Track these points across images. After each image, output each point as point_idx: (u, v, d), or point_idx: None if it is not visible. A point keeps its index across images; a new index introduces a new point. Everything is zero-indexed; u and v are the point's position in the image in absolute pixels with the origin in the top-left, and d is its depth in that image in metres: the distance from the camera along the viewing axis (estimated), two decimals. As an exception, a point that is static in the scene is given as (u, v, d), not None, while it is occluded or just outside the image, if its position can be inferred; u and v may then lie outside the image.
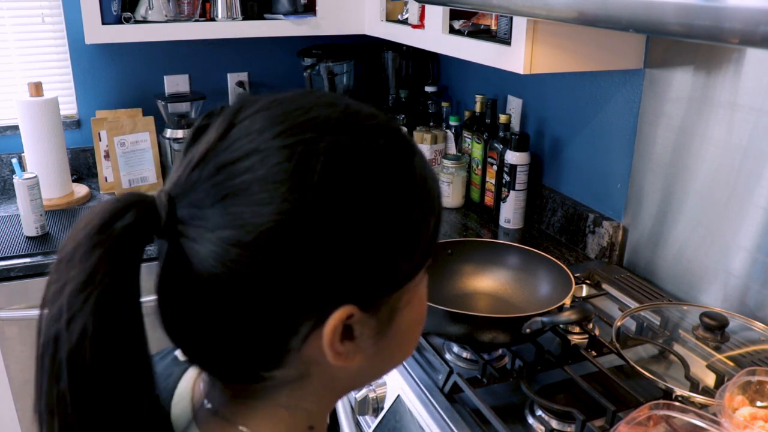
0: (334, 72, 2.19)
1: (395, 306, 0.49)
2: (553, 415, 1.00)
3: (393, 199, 0.46)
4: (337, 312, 0.45)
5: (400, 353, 0.53)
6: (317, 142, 0.44)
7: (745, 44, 0.72)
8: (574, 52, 1.33)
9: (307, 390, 0.50)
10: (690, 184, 1.33)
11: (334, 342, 0.46)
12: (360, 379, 0.54)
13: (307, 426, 0.51)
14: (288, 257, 0.42)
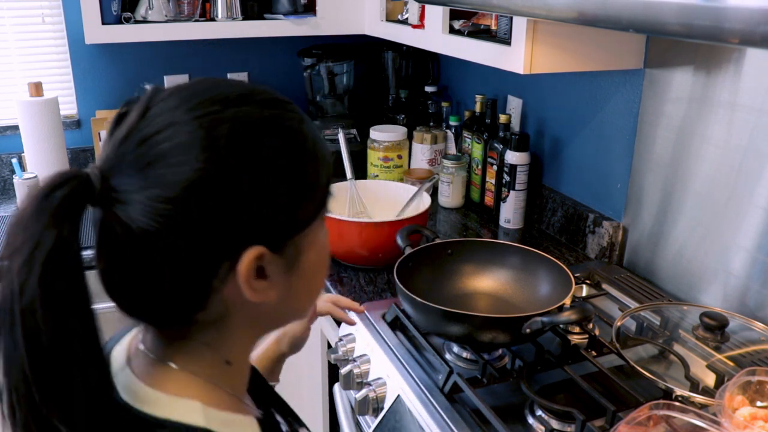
0: (334, 72, 2.19)
1: (299, 247, 0.58)
2: (553, 415, 1.00)
3: (288, 157, 0.55)
4: (249, 252, 0.53)
5: (308, 291, 0.63)
6: (222, 112, 0.53)
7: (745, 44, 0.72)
8: (574, 52, 1.33)
9: (228, 329, 0.58)
10: (690, 184, 1.33)
11: (250, 279, 0.54)
12: (276, 317, 0.63)
13: (224, 361, 0.60)
14: (205, 207, 0.51)
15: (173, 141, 0.51)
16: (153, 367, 0.58)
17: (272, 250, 0.55)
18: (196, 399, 0.57)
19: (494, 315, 1.14)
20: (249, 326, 0.61)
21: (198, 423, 0.56)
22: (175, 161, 0.51)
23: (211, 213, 0.52)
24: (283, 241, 0.56)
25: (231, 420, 0.59)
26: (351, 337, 1.29)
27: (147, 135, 0.52)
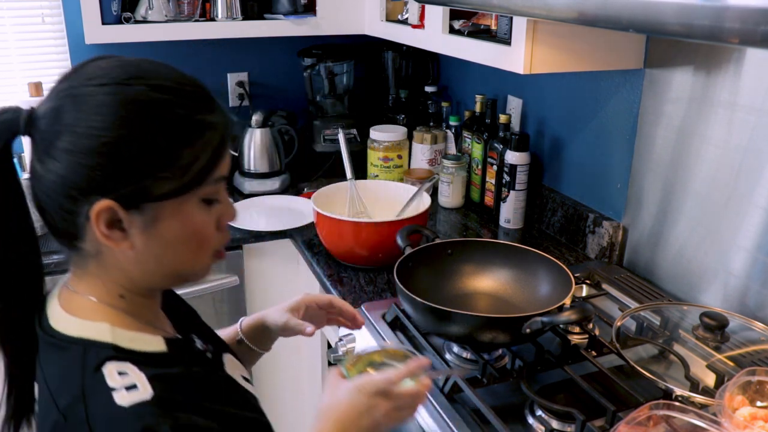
0: (334, 72, 2.19)
1: (158, 214, 0.68)
2: (553, 415, 1.00)
3: (154, 135, 0.65)
4: (101, 202, 0.65)
5: (172, 257, 0.72)
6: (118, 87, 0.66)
7: (745, 44, 0.72)
8: (574, 52, 1.33)
9: (106, 265, 0.71)
10: (690, 184, 1.33)
11: (99, 224, 0.66)
12: (142, 268, 0.71)
13: (119, 295, 0.72)
14: (78, 157, 0.64)
15: (78, 109, 0.65)
16: (69, 297, 0.72)
17: (125, 207, 0.66)
18: (104, 321, 0.70)
19: (494, 315, 1.14)
20: (126, 270, 0.71)
21: (106, 339, 0.68)
22: (65, 113, 0.65)
23: (77, 161, 0.64)
24: (135, 202, 0.66)
25: (136, 337, 0.70)
26: (351, 337, 1.29)
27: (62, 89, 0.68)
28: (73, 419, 0.64)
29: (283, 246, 1.79)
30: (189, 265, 0.74)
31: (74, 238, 0.69)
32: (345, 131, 1.90)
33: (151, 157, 0.66)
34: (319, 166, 2.19)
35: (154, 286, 0.76)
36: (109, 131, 0.64)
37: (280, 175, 2.08)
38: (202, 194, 0.70)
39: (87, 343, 0.68)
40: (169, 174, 0.66)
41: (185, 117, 0.67)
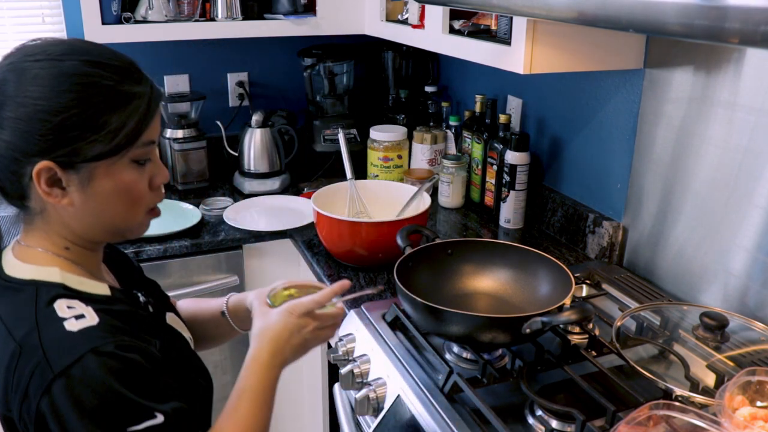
0: (334, 72, 2.19)
1: (93, 173, 0.77)
2: (553, 415, 1.00)
3: (83, 102, 0.74)
4: (41, 163, 0.74)
5: (107, 212, 0.80)
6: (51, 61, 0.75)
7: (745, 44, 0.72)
8: (574, 52, 1.33)
9: (51, 221, 0.80)
10: (690, 184, 1.33)
11: (41, 183, 0.75)
12: (82, 222, 0.80)
13: (64, 247, 0.82)
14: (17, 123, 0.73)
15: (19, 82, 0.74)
16: (21, 249, 0.82)
17: (62, 167, 0.75)
18: (54, 266, 0.79)
19: (494, 315, 1.14)
20: (68, 225, 0.81)
21: (56, 280, 0.78)
22: (7, 86, 0.74)
23: (18, 128, 0.73)
24: (71, 163, 0.75)
25: (84, 282, 0.80)
26: (351, 337, 1.29)
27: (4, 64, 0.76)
28: (28, 347, 0.72)
29: (283, 246, 1.79)
30: (124, 220, 0.82)
31: (22, 198, 0.79)
32: (345, 131, 1.90)
33: (83, 122, 0.74)
34: (319, 166, 2.19)
35: (95, 239, 0.84)
36: (44, 100, 0.73)
37: (280, 175, 2.08)
38: (132, 156, 0.79)
39: (39, 283, 0.77)
40: (99, 137, 0.75)
41: (112, 87, 0.76)
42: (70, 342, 0.71)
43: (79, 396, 0.69)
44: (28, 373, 0.71)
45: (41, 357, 0.71)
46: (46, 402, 0.70)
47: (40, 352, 0.71)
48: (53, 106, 0.73)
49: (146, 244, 1.67)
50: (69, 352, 0.71)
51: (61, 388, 0.69)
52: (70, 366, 0.70)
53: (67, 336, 0.72)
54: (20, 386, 0.72)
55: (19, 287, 0.78)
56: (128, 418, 0.71)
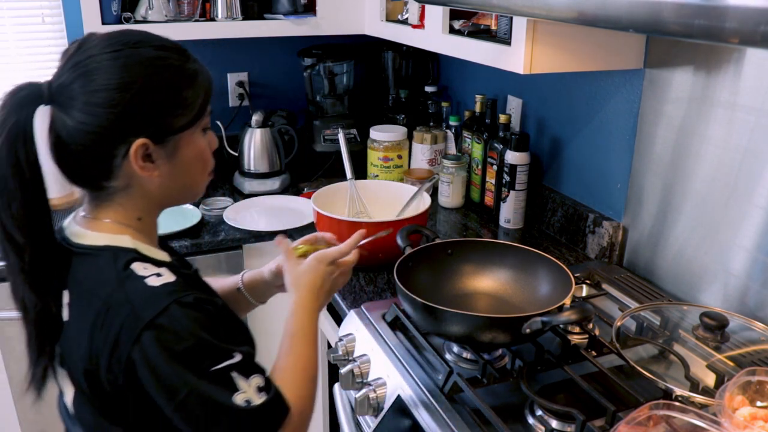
0: (334, 72, 2.19)
1: (177, 145, 0.87)
2: (553, 415, 1.00)
3: (168, 83, 0.84)
4: (138, 141, 0.83)
5: (187, 178, 0.91)
6: (127, 50, 0.83)
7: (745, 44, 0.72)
8: (574, 52, 1.33)
9: (134, 195, 0.88)
10: (690, 184, 1.33)
11: (137, 160, 0.84)
12: (167, 192, 0.90)
13: (137, 217, 0.89)
14: (112, 109, 0.80)
15: (94, 66, 0.81)
16: (89, 221, 0.89)
17: (155, 142, 0.84)
18: (125, 234, 0.87)
19: (494, 315, 1.14)
20: (150, 195, 0.89)
21: (129, 246, 0.86)
22: (94, 77, 0.80)
23: (114, 113, 0.80)
24: (162, 138, 0.84)
25: (150, 249, 0.89)
26: (351, 337, 1.29)
27: (79, 61, 0.82)
28: (115, 303, 0.80)
29: (283, 246, 1.79)
30: (197, 182, 0.94)
31: (104, 179, 0.86)
32: (345, 131, 1.91)
33: (167, 99, 0.84)
34: (319, 166, 2.19)
35: (169, 205, 0.94)
36: (131, 83, 0.81)
37: (280, 175, 2.08)
38: (202, 125, 0.90)
39: (114, 249, 0.85)
40: (182, 111, 0.85)
41: (181, 67, 0.87)
42: (155, 295, 0.80)
43: (166, 343, 0.77)
44: (118, 325, 0.78)
45: (129, 310, 0.78)
46: (138, 350, 0.77)
47: (128, 306, 0.79)
48: (142, 88, 0.82)
49: (146, 244, 1.67)
50: (155, 304, 0.78)
51: (150, 336, 0.77)
52: (157, 316, 0.78)
53: (151, 290, 0.80)
54: (109, 339, 0.79)
55: (95, 253, 0.85)
56: (211, 359, 0.78)
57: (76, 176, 0.87)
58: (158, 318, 0.78)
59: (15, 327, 1.65)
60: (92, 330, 0.81)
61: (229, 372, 0.79)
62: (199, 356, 0.78)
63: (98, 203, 0.89)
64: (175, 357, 0.77)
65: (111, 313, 0.79)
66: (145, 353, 0.77)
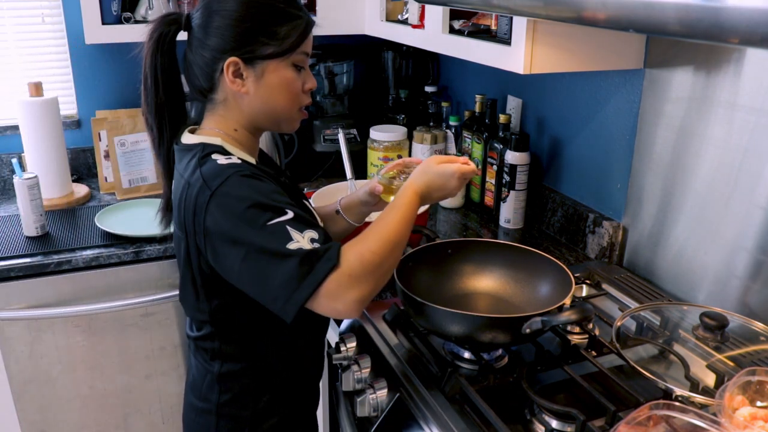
0: (334, 72, 2.19)
1: (264, 69, 1.03)
2: (553, 415, 1.00)
3: (261, 18, 1.02)
4: (231, 58, 1.01)
5: (273, 102, 1.06)
6: None
7: (745, 44, 0.72)
8: (574, 52, 1.33)
9: (230, 108, 1.06)
10: (690, 184, 1.33)
11: (229, 74, 1.02)
12: (256, 111, 1.06)
13: (232, 128, 1.07)
14: (218, 31, 1.01)
15: (219, 3, 1.02)
16: (196, 129, 1.09)
17: (245, 62, 1.02)
18: (218, 137, 1.05)
19: (494, 315, 1.14)
20: (242, 110, 1.06)
21: (218, 143, 1.04)
22: (214, 7, 1.02)
23: (217, 34, 1.01)
24: (251, 60, 1.02)
25: (238, 151, 1.05)
26: (351, 337, 1.29)
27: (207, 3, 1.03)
28: (193, 180, 0.97)
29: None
30: (283, 110, 1.07)
31: (210, 91, 1.05)
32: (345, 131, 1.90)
33: (260, 29, 1.01)
34: (319, 166, 2.18)
35: (259, 125, 1.09)
36: (237, 12, 1.00)
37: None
38: (293, 60, 1.04)
39: (204, 144, 1.03)
40: (271, 41, 1.02)
41: (282, 8, 1.03)
42: (221, 170, 0.96)
43: (228, 206, 0.93)
44: (194, 196, 0.96)
45: (201, 182, 0.95)
46: (210, 217, 0.94)
47: (200, 180, 0.96)
48: (242, 17, 1.00)
49: (146, 244, 1.67)
50: (220, 176, 0.95)
51: (216, 203, 0.93)
52: (221, 185, 0.94)
53: (219, 167, 0.97)
54: (189, 208, 0.97)
55: (190, 148, 1.03)
56: (267, 216, 0.91)
57: (194, 87, 1.07)
58: (221, 187, 0.94)
59: (15, 327, 1.65)
60: (179, 203, 1.00)
61: (284, 225, 0.91)
62: (257, 214, 0.91)
63: (207, 116, 1.08)
64: (237, 216, 0.92)
65: (191, 188, 0.97)
66: (214, 218, 0.93)
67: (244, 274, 0.93)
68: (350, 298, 0.91)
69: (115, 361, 1.75)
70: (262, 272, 0.91)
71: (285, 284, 0.90)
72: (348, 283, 0.91)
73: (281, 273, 0.90)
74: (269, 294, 0.92)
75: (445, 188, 1.10)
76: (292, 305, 0.90)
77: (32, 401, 1.70)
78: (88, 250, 1.65)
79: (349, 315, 0.93)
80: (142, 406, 1.82)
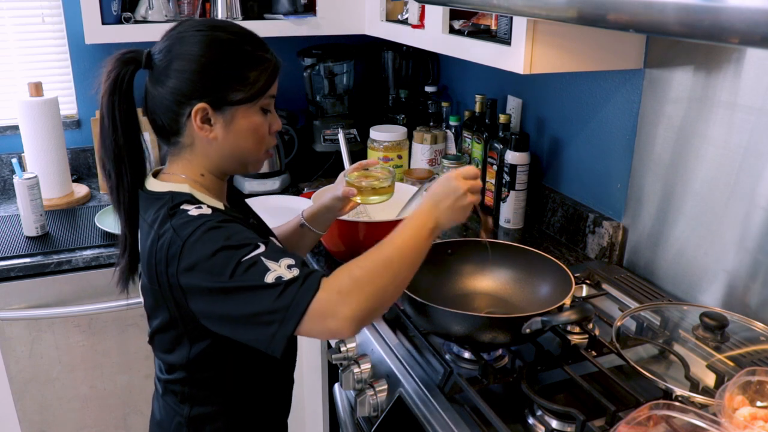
0: (334, 72, 2.19)
1: (234, 115, 1.00)
2: (553, 415, 1.00)
3: (232, 63, 0.99)
4: (199, 104, 0.97)
5: (241, 148, 1.03)
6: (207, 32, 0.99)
7: (745, 44, 0.72)
8: (574, 52, 1.33)
9: (197, 153, 1.03)
10: (690, 184, 1.33)
11: (196, 119, 0.98)
12: (223, 155, 1.03)
13: (198, 173, 1.04)
14: (182, 75, 0.97)
15: (183, 45, 0.97)
16: (163, 175, 1.05)
17: (213, 108, 0.98)
18: (185, 183, 1.02)
19: (494, 315, 1.14)
20: (209, 155, 1.03)
21: (186, 191, 1.00)
22: (178, 49, 0.97)
23: (184, 79, 0.97)
24: (220, 105, 0.98)
25: (206, 198, 1.02)
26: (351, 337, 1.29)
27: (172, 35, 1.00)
28: (163, 232, 0.95)
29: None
30: (251, 154, 1.05)
31: (175, 134, 1.01)
32: (345, 131, 1.91)
33: (230, 75, 0.98)
34: (319, 166, 2.19)
35: (225, 169, 1.06)
36: (204, 57, 0.96)
37: (280, 175, 2.08)
38: (261, 104, 1.02)
39: (174, 193, 1.00)
40: (241, 87, 0.99)
41: (250, 52, 1.00)
42: (190, 221, 0.94)
43: (200, 252, 0.91)
44: (165, 248, 0.93)
45: (172, 233, 0.93)
46: (182, 264, 0.92)
47: (171, 231, 0.94)
48: (211, 62, 0.97)
49: (146, 244, 1.67)
50: (190, 226, 0.93)
51: (188, 251, 0.91)
52: (191, 234, 0.92)
53: (189, 218, 0.95)
54: (161, 261, 0.94)
55: (159, 196, 1.00)
56: (240, 254, 0.90)
57: (158, 129, 1.03)
58: (191, 236, 0.92)
59: (15, 327, 1.65)
60: (149, 256, 0.96)
61: (258, 257, 0.90)
62: (229, 255, 0.90)
63: (171, 159, 1.05)
64: (211, 263, 0.90)
65: (161, 241, 0.94)
66: (187, 267, 0.91)
67: (225, 320, 0.91)
68: (342, 315, 0.87)
69: (115, 361, 1.75)
70: (242, 312, 0.89)
71: (270, 317, 0.87)
72: (338, 299, 0.88)
73: (264, 306, 0.87)
74: (255, 333, 0.89)
75: (449, 191, 1.04)
76: (280, 338, 0.87)
77: (32, 401, 1.70)
78: (88, 250, 1.65)
79: (345, 333, 0.89)
80: (142, 406, 1.82)
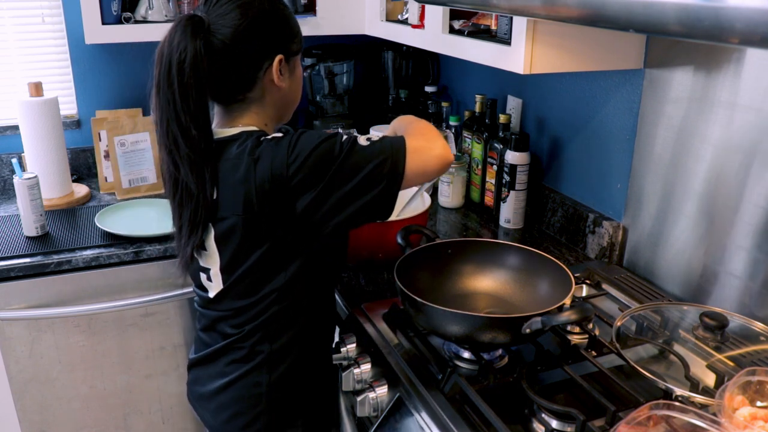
0: (334, 72, 2.19)
1: (294, 64, 1.15)
2: (553, 415, 1.00)
3: (290, 17, 1.14)
4: (279, 56, 1.10)
5: (296, 94, 1.19)
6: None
7: (745, 44, 0.72)
8: (574, 52, 1.33)
9: (264, 104, 1.13)
10: (690, 184, 1.33)
11: (277, 71, 1.10)
12: (284, 103, 1.17)
13: (264, 123, 1.14)
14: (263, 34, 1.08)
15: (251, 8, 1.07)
16: (227, 123, 1.13)
17: (285, 59, 1.11)
18: (255, 127, 1.11)
19: (494, 315, 1.14)
20: (276, 104, 1.14)
21: (259, 129, 1.11)
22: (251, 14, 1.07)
23: (264, 36, 1.08)
24: (289, 57, 1.12)
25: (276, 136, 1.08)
26: (351, 337, 1.29)
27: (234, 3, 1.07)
28: (258, 154, 1.03)
29: (283, 246, 1.79)
30: (297, 101, 1.20)
31: (247, 90, 1.10)
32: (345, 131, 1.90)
33: (291, 31, 1.13)
34: (319, 166, 2.18)
35: (282, 118, 1.19)
36: (275, 13, 1.10)
37: (280, 175, 2.08)
38: (300, 54, 1.17)
39: (248, 131, 1.09)
40: (297, 39, 1.14)
41: (290, 13, 1.15)
42: (281, 138, 1.04)
43: (305, 144, 1.03)
44: (269, 160, 1.02)
45: (272, 146, 1.03)
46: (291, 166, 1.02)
47: (270, 147, 1.03)
48: (281, 18, 1.11)
49: (146, 244, 1.67)
50: (284, 139, 1.04)
51: (293, 152, 1.02)
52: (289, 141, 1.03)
53: (277, 137, 1.05)
54: (264, 175, 1.02)
55: (234, 137, 1.08)
56: (337, 138, 1.04)
57: (224, 91, 1.09)
58: (291, 141, 1.03)
59: (15, 327, 1.65)
60: (245, 183, 1.03)
61: (351, 135, 1.05)
62: (332, 142, 1.03)
63: (233, 115, 1.12)
64: (319, 151, 1.02)
65: (260, 163, 1.02)
66: (299, 167, 1.01)
67: (341, 201, 1.03)
68: (435, 144, 1.07)
69: (115, 361, 1.75)
70: (359, 176, 1.02)
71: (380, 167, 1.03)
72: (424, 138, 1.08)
73: (372, 159, 1.03)
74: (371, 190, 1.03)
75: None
76: (401, 157, 1.04)
77: (32, 401, 1.70)
78: (88, 250, 1.65)
79: (449, 154, 1.09)
80: (142, 406, 1.82)
